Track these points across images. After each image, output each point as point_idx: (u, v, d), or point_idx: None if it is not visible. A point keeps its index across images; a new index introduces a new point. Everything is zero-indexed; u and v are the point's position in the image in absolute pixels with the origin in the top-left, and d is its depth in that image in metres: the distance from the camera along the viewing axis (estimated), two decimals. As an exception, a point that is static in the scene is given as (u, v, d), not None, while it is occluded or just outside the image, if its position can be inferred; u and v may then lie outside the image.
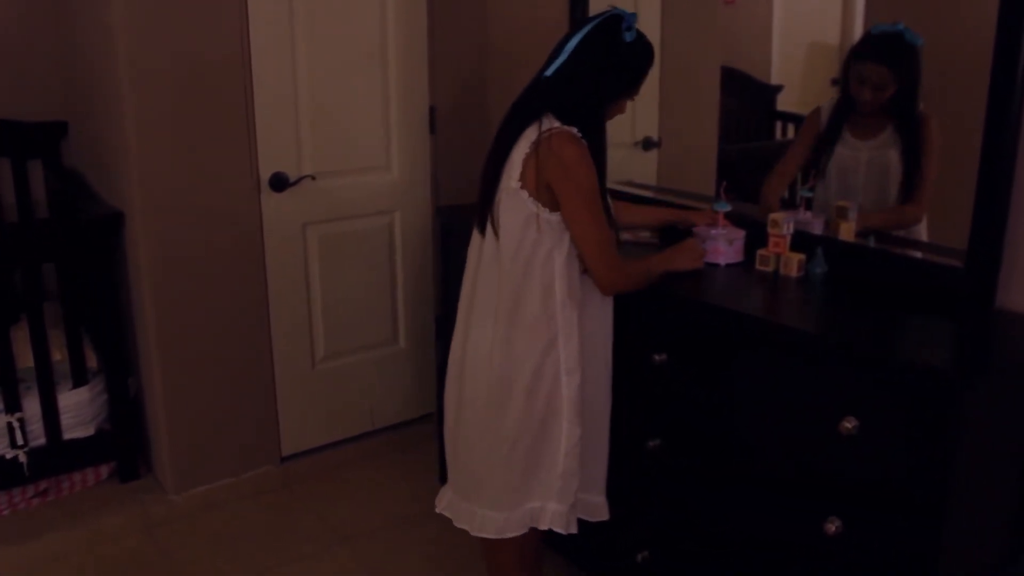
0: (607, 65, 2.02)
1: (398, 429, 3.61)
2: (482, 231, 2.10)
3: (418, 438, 3.59)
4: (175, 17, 2.82)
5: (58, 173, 3.68)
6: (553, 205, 1.99)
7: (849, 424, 1.83)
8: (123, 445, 3.22)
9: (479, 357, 2.10)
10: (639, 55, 2.06)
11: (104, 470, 3.23)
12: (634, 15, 2.03)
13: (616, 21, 2.02)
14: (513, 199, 2.00)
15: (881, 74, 2.42)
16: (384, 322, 3.50)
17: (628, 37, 2.01)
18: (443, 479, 3.24)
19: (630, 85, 2.08)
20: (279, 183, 3.13)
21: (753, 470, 2.12)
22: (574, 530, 2.14)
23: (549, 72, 2.02)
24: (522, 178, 1.98)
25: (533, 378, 2.03)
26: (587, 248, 2.01)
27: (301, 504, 3.21)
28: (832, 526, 1.91)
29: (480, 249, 2.11)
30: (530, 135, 1.98)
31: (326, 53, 3.16)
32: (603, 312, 2.17)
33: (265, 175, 3.11)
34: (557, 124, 1.98)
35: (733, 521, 2.20)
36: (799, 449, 2.00)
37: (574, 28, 2.07)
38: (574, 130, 1.98)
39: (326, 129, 3.22)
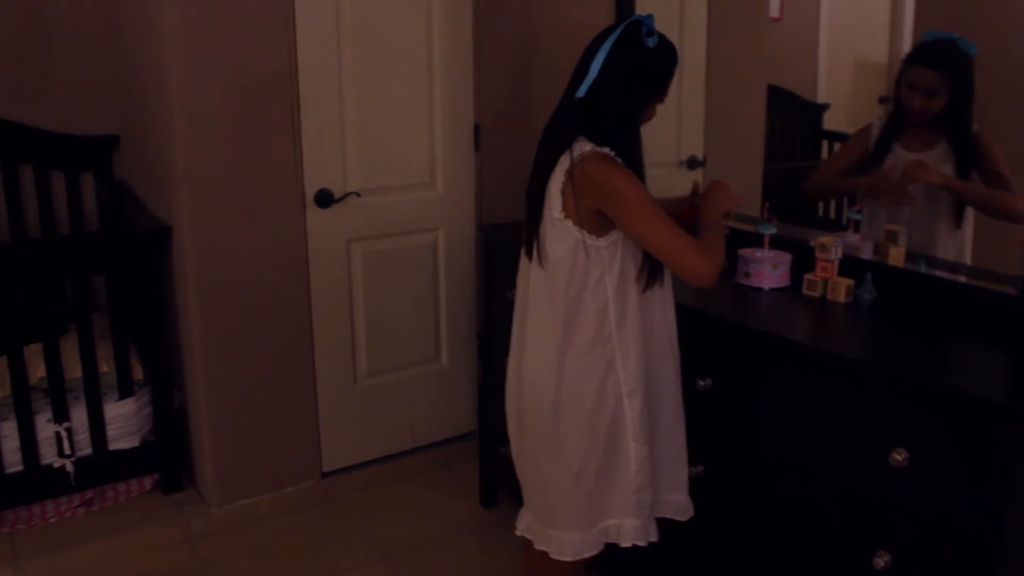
0: (636, 75, 2.00)
1: (439, 447, 3.61)
2: (529, 256, 2.09)
3: (459, 457, 3.58)
4: (225, 34, 2.86)
5: (109, 186, 3.74)
6: (599, 231, 1.98)
7: (899, 456, 1.79)
8: (167, 457, 3.25)
9: (535, 385, 2.08)
10: (664, 57, 2.03)
11: (147, 481, 3.26)
12: (651, 16, 2.01)
13: (636, 28, 2.00)
14: (559, 228, 1.99)
15: (932, 80, 2.38)
16: (426, 339, 3.50)
17: (651, 43, 1.99)
18: (484, 500, 3.26)
19: (659, 90, 2.05)
20: (324, 199, 3.15)
21: (800, 500, 2.09)
22: (654, 538, 2.12)
23: (581, 92, 2.00)
24: (564, 208, 1.97)
25: (594, 403, 2.02)
26: (666, 254, 1.95)
27: (341, 520, 3.21)
28: (881, 560, 1.87)
29: (528, 277, 2.11)
30: (564, 163, 1.97)
31: (372, 71, 3.19)
32: (664, 325, 2.12)
33: (310, 191, 3.13)
34: (589, 147, 1.96)
35: (778, 551, 2.16)
36: (848, 480, 1.97)
37: (595, 42, 2.04)
38: (605, 150, 1.96)
39: (371, 146, 3.24)
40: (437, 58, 3.31)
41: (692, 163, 3.30)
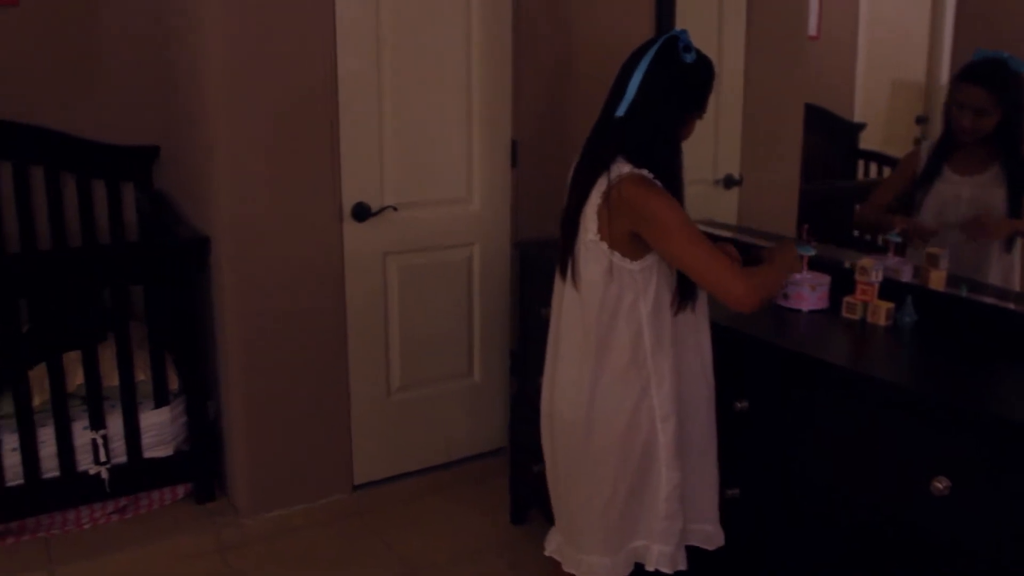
0: (675, 91, 1.98)
1: (470, 462, 3.60)
2: (564, 277, 2.08)
3: (490, 472, 3.57)
4: (267, 48, 2.89)
5: (149, 196, 3.78)
6: (633, 254, 1.96)
7: (941, 484, 1.77)
8: (200, 467, 3.27)
9: (567, 407, 2.07)
10: (702, 72, 2.02)
11: (181, 490, 3.28)
12: (686, 32, 2.00)
13: (673, 44, 1.99)
14: (593, 250, 1.98)
15: (981, 98, 2.35)
16: (460, 354, 3.51)
17: (689, 58, 1.97)
18: (515, 517, 3.25)
19: (698, 105, 2.04)
20: (361, 213, 3.16)
21: (838, 526, 2.06)
22: (682, 566, 2.10)
23: (620, 112, 1.97)
24: (599, 230, 1.96)
25: (627, 427, 2.00)
26: (706, 276, 1.92)
27: (372, 533, 3.21)
28: (920, 590, 1.84)
29: (562, 295, 2.10)
30: (600, 185, 1.95)
31: (411, 86, 3.20)
32: (697, 350, 2.10)
33: (348, 205, 3.15)
34: (627, 168, 1.94)
35: (814, 576, 2.14)
36: (887, 507, 1.94)
37: (632, 59, 2.02)
38: (644, 172, 1.93)
39: (409, 160, 3.25)
40: (476, 73, 3.33)
41: (729, 182, 3.29)
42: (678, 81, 1.98)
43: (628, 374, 1.99)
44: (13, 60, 3.58)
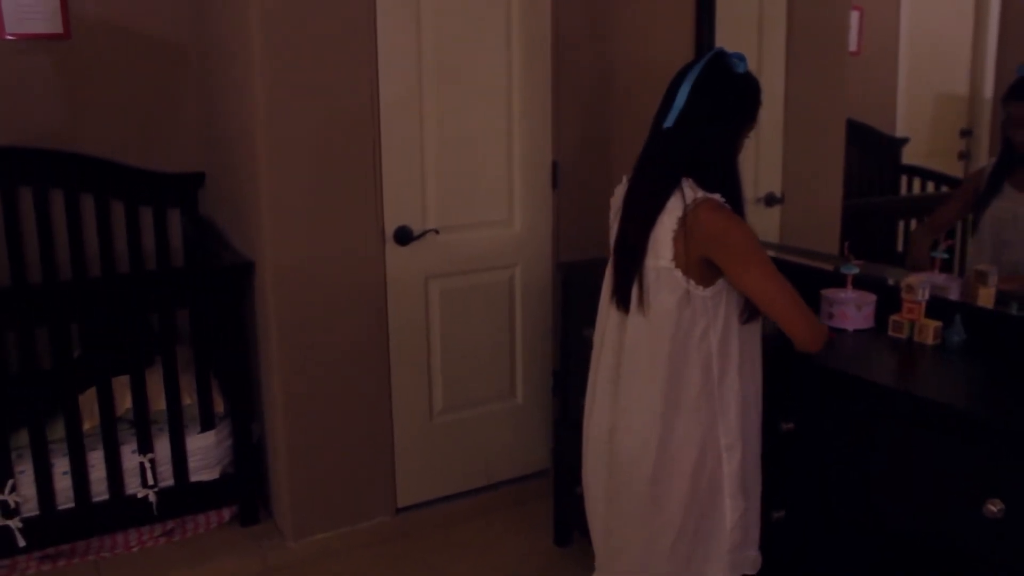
0: (728, 101, 1.95)
1: (513, 485, 3.59)
2: (625, 308, 2.01)
3: (533, 495, 3.56)
4: (310, 73, 2.93)
5: (194, 222, 3.84)
6: (706, 281, 1.92)
7: (994, 507, 1.73)
8: (245, 490, 3.30)
9: (636, 442, 2.01)
10: (752, 83, 2.00)
11: (226, 513, 3.31)
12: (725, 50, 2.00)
13: (722, 56, 1.97)
14: (666, 278, 1.92)
15: None
16: (502, 376, 3.51)
17: (741, 68, 1.95)
18: (558, 539, 3.23)
19: (751, 116, 2.00)
20: (404, 236, 3.19)
21: (887, 549, 2.02)
22: None
23: (669, 123, 1.94)
24: (674, 257, 1.90)
25: (696, 462, 1.96)
26: (781, 316, 1.93)
27: (415, 556, 3.22)
28: (974, 615, 1.80)
29: (622, 327, 2.03)
30: (673, 209, 1.90)
31: (452, 108, 3.23)
32: (756, 378, 2.06)
33: (390, 229, 3.18)
34: (701, 193, 1.89)
35: (863, 601, 2.10)
36: (938, 530, 1.90)
37: (679, 76, 1.99)
38: (717, 197, 1.89)
39: (450, 184, 3.27)
40: (516, 96, 3.34)
41: (770, 200, 3.27)
42: (730, 92, 1.95)
43: (699, 403, 1.95)
44: (65, 92, 3.67)
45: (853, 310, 2.38)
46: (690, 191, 1.89)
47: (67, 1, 3.61)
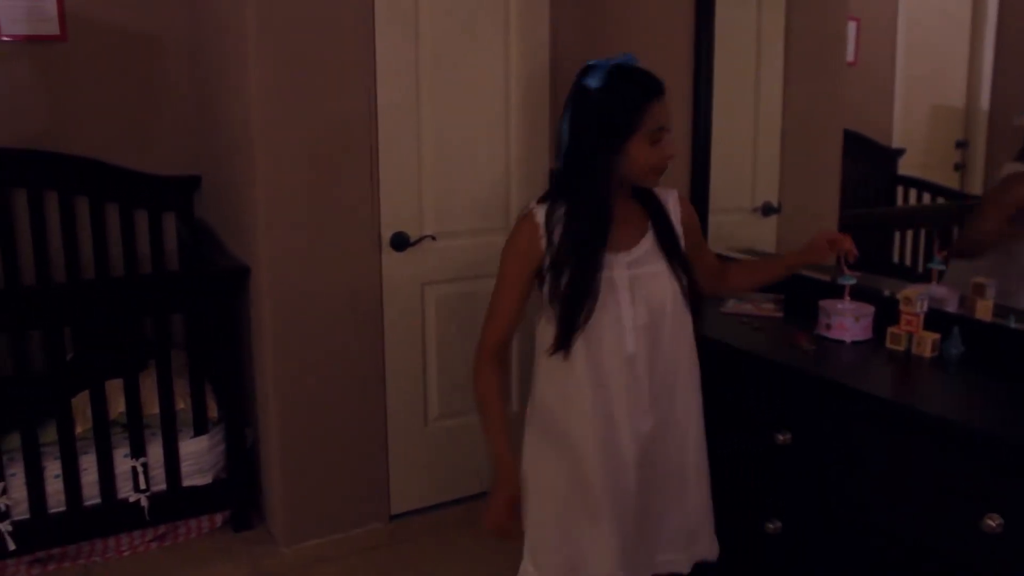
0: (589, 122, 1.93)
1: (506, 491, 3.58)
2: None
3: (526, 501, 3.55)
4: (308, 80, 2.92)
5: (189, 225, 3.83)
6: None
7: (992, 522, 1.72)
8: (238, 495, 3.28)
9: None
10: (614, 94, 1.91)
11: (218, 518, 3.29)
12: (631, 55, 1.99)
13: (581, 76, 1.97)
14: None
15: None
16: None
17: (592, 83, 1.91)
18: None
19: (621, 130, 1.91)
20: (400, 243, 3.18)
21: (884, 561, 2.02)
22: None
23: (558, 162, 2.03)
24: None
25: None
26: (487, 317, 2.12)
27: (408, 563, 3.20)
28: (971, 630, 1.80)
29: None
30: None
31: (449, 116, 3.23)
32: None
33: (387, 234, 3.17)
34: (533, 204, 2.04)
35: (859, 614, 2.10)
36: (936, 544, 1.89)
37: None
38: (531, 205, 2.03)
39: (447, 189, 3.27)
40: (514, 103, 3.34)
41: (767, 210, 3.27)
42: (590, 110, 1.93)
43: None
44: (60, 93, 3.65)
45: (851, 321, 2.38)
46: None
47: (63, 3, 3.60)
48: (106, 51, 3.70)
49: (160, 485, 3.15)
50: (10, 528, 2.94)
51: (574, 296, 1.94)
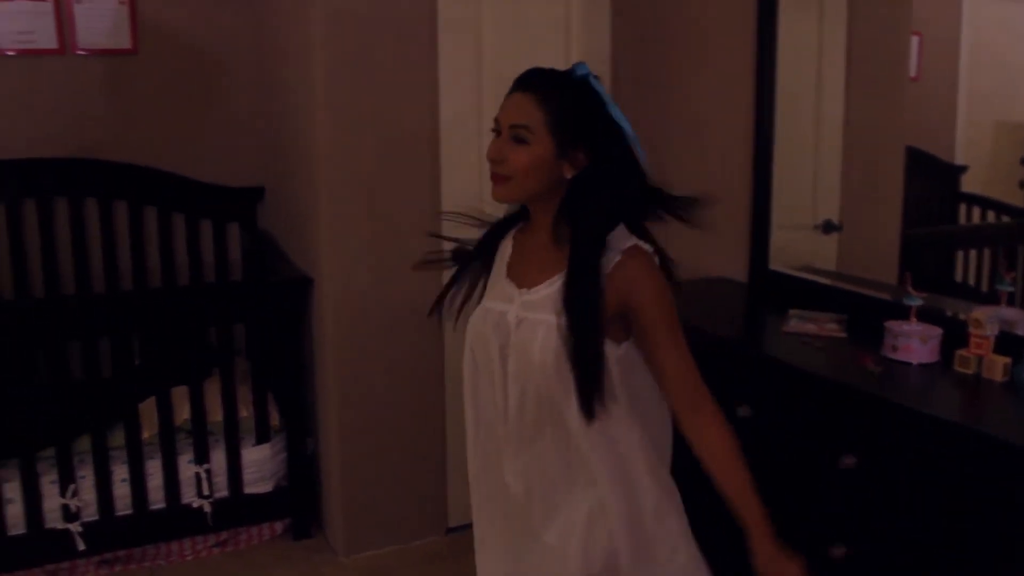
0: None
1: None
2: None
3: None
4: (372, 93, 2.97)
5: (253, 236, 3.89)
6: None
7: (1068, 552, 1.70)
8: (298, 503, 3.33)
9: None
10: None
11: (279, 526, 3.34)
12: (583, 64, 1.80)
13: None
14: None
15: None
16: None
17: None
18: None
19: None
20: (461, 256, 3.20)
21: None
22: None
23: None
24: None
25: None
26: None
27: (464, 576, 3.22)
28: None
29: None
30: None
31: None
32: None
33: (448, 247, 3.19)
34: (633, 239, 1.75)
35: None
36: (1010, 571, 1.86)
37: None
38: (635, 241, 1.73)
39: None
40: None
41: (828, 227, 3.24)
42: None
43: None
44: (130, 105, 3.75)
45: (918, 343, 2.35)
46: None
47: (137, 18, 3.69)
48: (176, 65, 3.79)
49: (223, 492, 3.21)
50: (80, 529, 3.02)
51: None
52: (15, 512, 2.97)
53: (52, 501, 3.00)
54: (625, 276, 1.66)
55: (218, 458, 3.21)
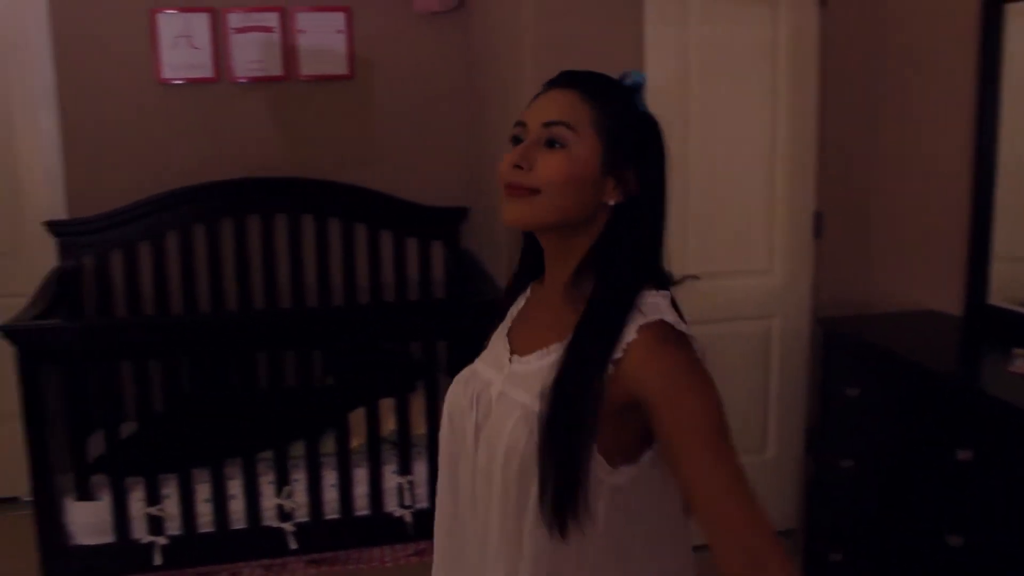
0: None
1: (757, 539, 3.49)
2: None
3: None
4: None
5: (456, 255, 4.02)
6: None
7: None
8: (494, 518, 3.39)
9: None
10: None
11: (474, 539, 3.41)
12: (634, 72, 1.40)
13: None
14: None
15: None
16: (753, 428, 3.43)
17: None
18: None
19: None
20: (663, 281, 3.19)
21: None
22: None
23: None
24: None
25: None
26: None
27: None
28: None
29: None
30: None
31: (715, 156, 3.23)
32: None
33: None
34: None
35: None
36: None
37: None
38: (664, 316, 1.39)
39: (711, 229, 3.26)
40: (780, 145, 3.29)
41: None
42: None
43: None
44: (345, 128, 3.96)
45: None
46: None
47: (353, 47, 3.90)
48: (388, 90, 3.98)
49: (423, 503, 3.32)
50: (293, 528, 3.19)
51: None
52: (237, 508, 3.18)
53: (269, 500, 3.19)
54: (643, 360, 1.22)
55: (419, 470, 3.32)
